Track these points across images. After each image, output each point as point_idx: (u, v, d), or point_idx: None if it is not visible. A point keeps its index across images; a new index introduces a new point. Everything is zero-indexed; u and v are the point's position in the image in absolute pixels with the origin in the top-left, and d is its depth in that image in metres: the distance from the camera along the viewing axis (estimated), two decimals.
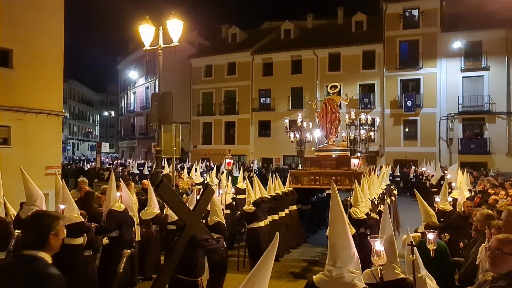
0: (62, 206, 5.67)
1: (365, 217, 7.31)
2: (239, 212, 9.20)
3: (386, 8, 29.71)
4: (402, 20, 29.46)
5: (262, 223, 8.59)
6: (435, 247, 4.05)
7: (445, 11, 29.32)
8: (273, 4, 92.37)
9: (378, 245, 2.93)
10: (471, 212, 6.36)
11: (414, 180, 22.06)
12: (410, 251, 3.40)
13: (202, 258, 4.29)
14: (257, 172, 25.71)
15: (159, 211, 7.78)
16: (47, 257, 2.39)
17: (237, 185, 11.93)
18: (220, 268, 5.93)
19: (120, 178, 8.20)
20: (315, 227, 12.36)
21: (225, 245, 5.37)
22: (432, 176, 17.76)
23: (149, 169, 23.47)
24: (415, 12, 29.46)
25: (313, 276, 2.91)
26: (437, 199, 8.15)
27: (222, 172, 17.02)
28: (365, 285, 2.80)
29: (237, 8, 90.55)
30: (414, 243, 3.47)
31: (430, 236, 4.09)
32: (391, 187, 13.04)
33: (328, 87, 12.69)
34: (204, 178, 15.74)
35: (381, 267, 2.98)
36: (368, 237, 3.20)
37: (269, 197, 9.35)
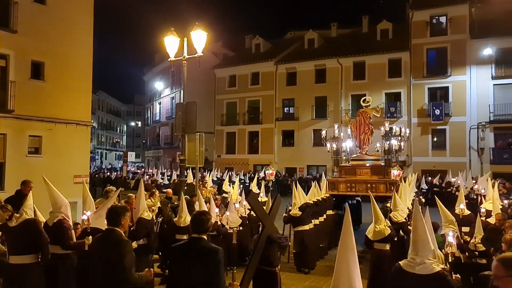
0: (88, 213, 5.81)
1: (404, 220, 7.82)
2: (284, 215, 9.63)
3: (413, 15, 29.21)
4: (430, 27, 28.85)
5: (307, 227, 9.18)
6: (454, 251, 4.74)
7: (474, 17, 28.53)
8: (296, 14, 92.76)
9: (450, 237, 4.39)
10: (503, 225, 6.08)
11: (426, 190, 21.29)
12: None
13: (277, 252, 5.40)
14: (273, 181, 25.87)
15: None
16: (206, 237, 3.65)
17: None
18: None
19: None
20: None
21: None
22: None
23: (168, 177, 23.97)
24: (443, 19, 28.81)
25: (399, 262, 3.67)
26: (462, 206, 8.29)
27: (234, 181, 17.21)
28: (440, 268, 3.52)
29: (261, 18, 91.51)
30: None
31: (450, 239, 4.58)
32: (420, 196, 13.69)
33: (361, 101, 13.52)
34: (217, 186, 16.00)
35: (452, 255, 4.21)
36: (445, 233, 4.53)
37: (312, 202, 10.00)
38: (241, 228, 8.72)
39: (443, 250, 4.75)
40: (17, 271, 4.92)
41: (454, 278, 3.96)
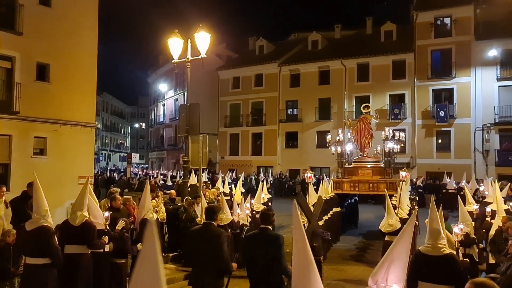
0: (106, 214, 6.12)
1: (408, 217, 8.69)
2: None
3: (417, 17, 29.13)
4: (434, 29, 28.75)
5: (321, 222, 9.71)
6: (460, 239, 5.59)
7: (479, 18, 28.40)
8: (300, 15, 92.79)
9: (456, 229, 5.45)
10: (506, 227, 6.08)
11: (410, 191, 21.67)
12: None
13: (321, 243, 6.45)
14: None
15: (232, 218, 8.76)
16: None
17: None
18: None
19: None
20: (349, 226, 14.62)
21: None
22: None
23: (166, 178, 24.32)
24: (447, 21, 28.71)
25: (419, 248, 4.64)
26: (475, 207, 8.95)
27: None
28: (451, 251, 4.49)
29: (265, 20, 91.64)
30: None
31: (456, 229, 5.42)
32: (415, 195, 15.35)
33: (361, 107, 14.72)
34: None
35: (458, 242, 5.44)
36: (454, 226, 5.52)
37: (323, 200, 10.90)
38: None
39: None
40: (32, 272, 5.03)
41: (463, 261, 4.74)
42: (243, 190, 13.53)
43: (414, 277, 4.51)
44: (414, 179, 24.22)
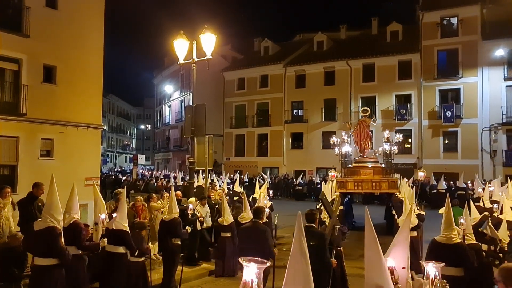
0: (102, 216, 6.07)
1: (422, 212, 9.95)
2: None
3: (423, 17, 28.97)
4: (440, 29, 28.59)
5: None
6: (465, 227, 6.09)
7: (486, 18, 28.18)
8: (305, 16, 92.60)
9: (462, 220, 5.96)
10: None
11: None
12: None
13: (340, 236, 6.92)
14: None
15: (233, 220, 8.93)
16: None
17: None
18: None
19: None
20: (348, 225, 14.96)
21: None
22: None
23: (169, 179, 24.47)
24: (454, 20, 28.52)
25: (435, 237, 5.46)
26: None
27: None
28: (460, 240, 5.39)
29: (270, 21, 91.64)
30: None
31: (462, 220, 5.97)
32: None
33: (361, 111, 15.36)
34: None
35: (464, 232, 5.87)
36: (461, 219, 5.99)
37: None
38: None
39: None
40: (40, 272, 5.06)
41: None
42: (242, 190, 13.66)
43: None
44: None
